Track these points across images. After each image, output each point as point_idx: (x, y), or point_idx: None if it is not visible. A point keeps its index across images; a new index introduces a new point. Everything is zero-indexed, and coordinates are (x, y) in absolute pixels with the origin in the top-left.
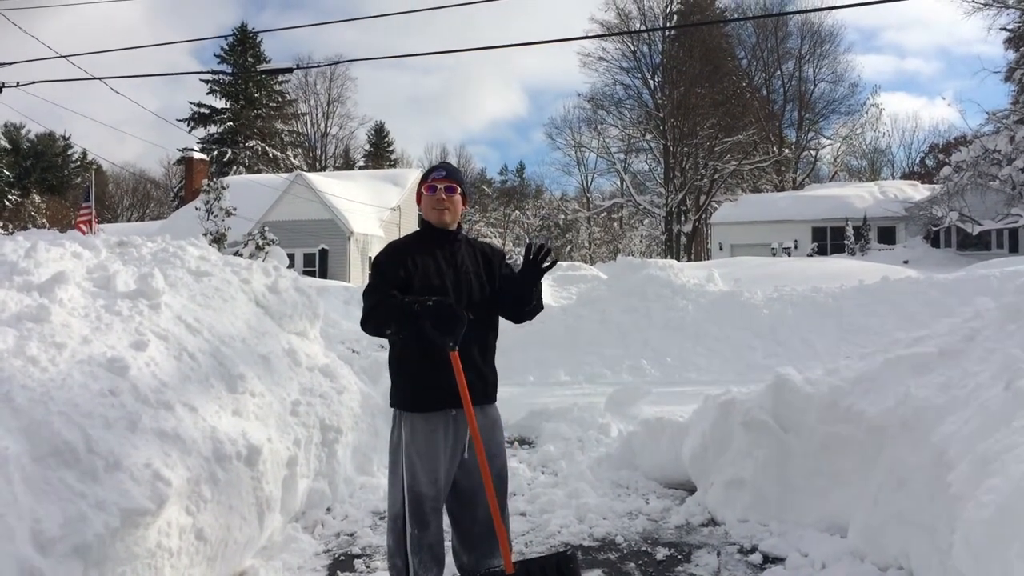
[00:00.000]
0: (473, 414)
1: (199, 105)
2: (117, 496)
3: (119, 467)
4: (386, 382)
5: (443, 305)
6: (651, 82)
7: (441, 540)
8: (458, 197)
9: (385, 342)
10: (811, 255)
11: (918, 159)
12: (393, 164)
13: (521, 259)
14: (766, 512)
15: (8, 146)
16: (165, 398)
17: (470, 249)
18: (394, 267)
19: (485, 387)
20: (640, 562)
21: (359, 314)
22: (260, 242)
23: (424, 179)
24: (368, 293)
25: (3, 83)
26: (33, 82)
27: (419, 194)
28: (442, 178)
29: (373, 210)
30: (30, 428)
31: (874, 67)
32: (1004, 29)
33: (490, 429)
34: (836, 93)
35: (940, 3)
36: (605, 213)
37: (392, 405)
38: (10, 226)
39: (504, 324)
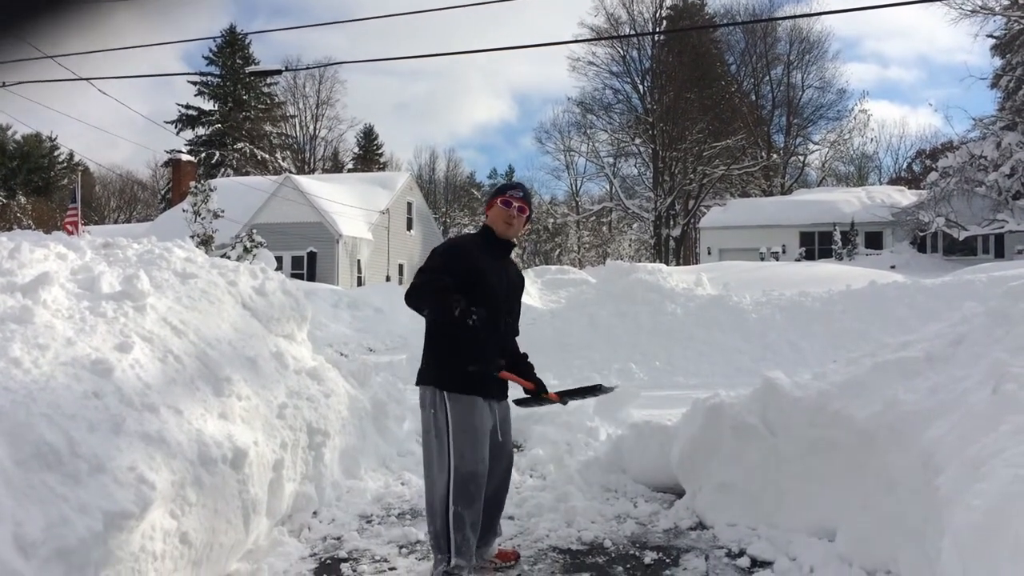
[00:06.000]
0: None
1: (187, 107)
2: (100, 499)
3: (102, 470)
4: (374, 386)
5: (480, 333)
6: (640, 87)
7: (480, 519)
8: (524, 217)
9: (372, 346)
10: (799, 260)
11: (905, 164)
12: (382, 167)
13: None
14: (755, 516)
15: None
16: (150, 400)
17: (514, 268)
18: (457, 260)
19: (504, 386)
20: (628, 566)
21: (347, 317)
22: (248, 245)
23: (501, 191)
24: (423, 271)
25: None
26: (19, 82)
27: (490, 203)
28: (519, 198)
29: (362, 213)
30: (12, 431)
31: (858, 75)
32: (991, 36)
33: (510, 416)
34: (824, 99)
35: (924, 11)
36: (594, 217)
37: (432, 384)
38: None
39: None
